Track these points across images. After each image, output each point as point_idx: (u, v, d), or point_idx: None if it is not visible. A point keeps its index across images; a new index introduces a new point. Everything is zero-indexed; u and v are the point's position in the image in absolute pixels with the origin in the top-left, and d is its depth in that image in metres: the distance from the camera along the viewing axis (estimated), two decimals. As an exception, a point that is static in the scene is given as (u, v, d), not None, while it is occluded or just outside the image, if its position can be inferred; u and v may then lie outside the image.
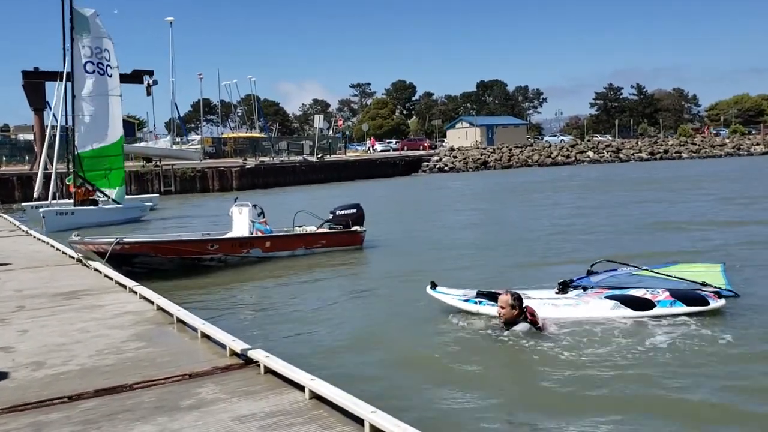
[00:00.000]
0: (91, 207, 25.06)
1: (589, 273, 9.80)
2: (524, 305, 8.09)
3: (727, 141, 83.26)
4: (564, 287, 9.12)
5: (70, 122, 26.56)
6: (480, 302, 8.84)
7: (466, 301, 9.04)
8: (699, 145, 79.80)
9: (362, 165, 57.35)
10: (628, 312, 8.30)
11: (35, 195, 28.93)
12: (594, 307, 8.44)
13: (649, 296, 8.55)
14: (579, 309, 8.41)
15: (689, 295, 8.63)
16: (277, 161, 54.09)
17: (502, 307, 8.04)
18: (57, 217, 22.66)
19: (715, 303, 8.55)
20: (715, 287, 9.19)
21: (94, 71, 25.34)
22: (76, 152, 25.18)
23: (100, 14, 25.92)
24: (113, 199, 26.05)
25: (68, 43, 25.27)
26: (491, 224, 22.83)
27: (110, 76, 25.89)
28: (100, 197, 25.79)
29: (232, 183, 45.49)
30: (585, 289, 9.12)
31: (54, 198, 27.16)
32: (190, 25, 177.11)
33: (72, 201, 25.66)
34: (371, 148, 77.60)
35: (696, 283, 9.24)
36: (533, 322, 7.98)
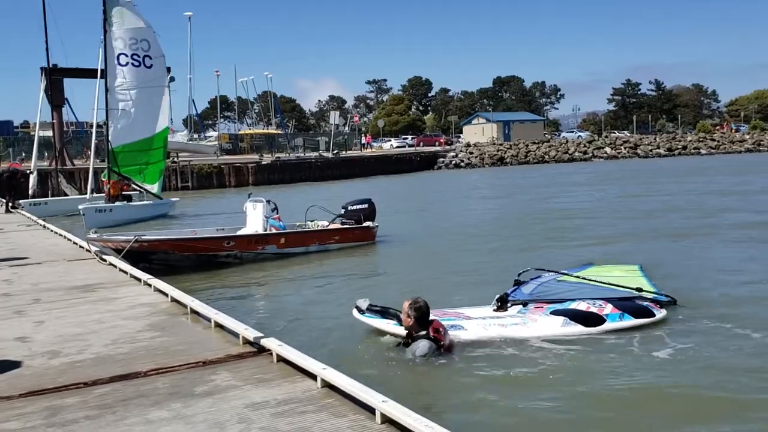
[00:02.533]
0: (125, 203, 24.50)
1: (517, 283, 9.47)
2: (430, 318, 7.27)
3: (747, 137, 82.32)
4: (502, 303, 8.52)
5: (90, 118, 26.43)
6: None
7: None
8: (718, 141, 79.00)
9: (378, 161, 57.36)
10: (579, 329, 7.88)
11: (30, 192, 28.70)
12: (543, 324, 8.00)
13: (594, 310, 8.24)
14: (528, 328, 7.95)
15: (635, 308, 8.39)
16: (293, 157, 54.19)
17: (408, 315, 7.23)
18: (96, 214, 22.17)
19: (660, 314, 8.37)
20: (650, 293, 9.03)
21: (127, 63, 24.52)
22: (110, 147, 24.53)
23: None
24: (154, 194, 25.53)
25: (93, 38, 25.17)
26: (504, 218, 22.83)
27: (149, 67, 24.94)
28: (139, 192, 25.32)
29: (248, 179, 45.69)
30: (525, 304, 8.56)
31: (61, 194, 26.94)
32: (206, 22, 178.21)
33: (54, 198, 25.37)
34: (368, 145, 76.08)
35: (631, 289, 9.02)
36: (437, 339, 7.11)
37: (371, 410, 4.40)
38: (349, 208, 16.64)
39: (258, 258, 14.53)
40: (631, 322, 8.10)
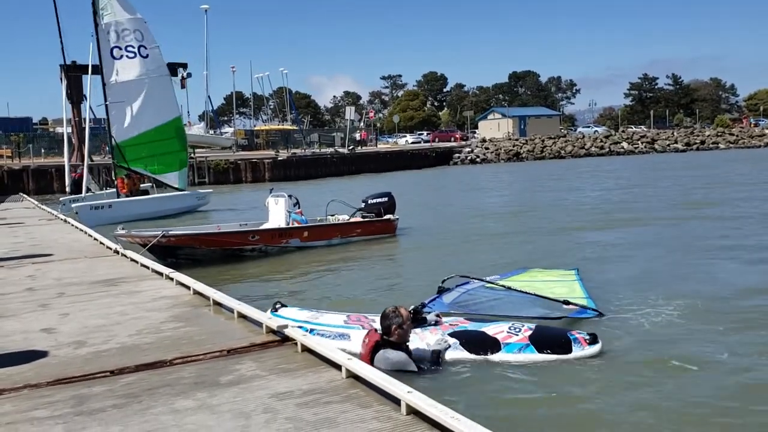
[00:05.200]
0: (136, 198, 23.75)
1: (440, 290, 9.04)
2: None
3: (767, 131, 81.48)
4: (415, 314, 7.32)
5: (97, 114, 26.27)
6: (311, 331, 7.06)
7: (300, 327, 6.81)
8: (737, 136, 78.27)
9: (393, 157, 57.36)
10: (465, 355, 6.89)
11: (67, 190, 28.56)
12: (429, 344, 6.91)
13: (500, 337, 7.07)
14: (412, 344, 6.69)
15: (551, 342, 7.11)
16: (308, 153, 54.25)
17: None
18: (92, 211, 21.33)
19: (582, 351, 7.03)
20: (577, 305, 8.44)
21: (122, 56, 23.64)
22: (114, 143, 23.79)
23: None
24: (176, 187, 24.60)
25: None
26: (522, 211, 22.87)
27: (145, 57, 23.94)
28: (152, 185, 24.69)
29: (264, 175, 45.86)
30: (436, 323, 7.46)
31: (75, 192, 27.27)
32: (222, 17, 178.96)
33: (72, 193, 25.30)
34: (362, 142, 74.27)
35: (558, 301, 8.46)
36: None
37: (396, 401, 4.38)
38: (369, 201, 16.77)
39: (282, 251, 14.69)
40: (532, 356, 6.94)
